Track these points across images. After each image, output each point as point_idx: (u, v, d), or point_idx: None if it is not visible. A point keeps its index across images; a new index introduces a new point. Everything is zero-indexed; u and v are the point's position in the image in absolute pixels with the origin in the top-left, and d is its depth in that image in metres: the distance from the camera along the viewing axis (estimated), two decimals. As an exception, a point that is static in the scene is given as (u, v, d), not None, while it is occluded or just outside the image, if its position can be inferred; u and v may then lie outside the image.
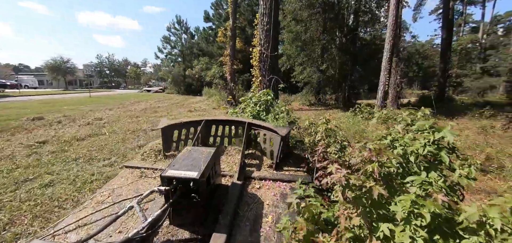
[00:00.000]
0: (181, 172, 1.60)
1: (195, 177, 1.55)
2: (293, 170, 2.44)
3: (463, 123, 9.63)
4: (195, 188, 1.59)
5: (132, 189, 2.17)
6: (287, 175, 2.31)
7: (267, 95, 4.20)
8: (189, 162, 1.73)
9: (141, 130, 7.33)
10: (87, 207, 2.00)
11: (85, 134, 6.60)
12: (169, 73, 31.94)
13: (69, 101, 17.13)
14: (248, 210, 1.86)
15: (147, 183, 2.25)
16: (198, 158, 1.77)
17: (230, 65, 14.96)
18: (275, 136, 2.56)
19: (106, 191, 2.18)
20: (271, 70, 4.09)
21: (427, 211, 1.02)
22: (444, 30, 16.72)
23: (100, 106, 14.03)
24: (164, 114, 11.56)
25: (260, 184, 2.19)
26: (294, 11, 15.66)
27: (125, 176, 2.41)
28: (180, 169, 1.64)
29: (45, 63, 46.16)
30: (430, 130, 1.64)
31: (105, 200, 2.03)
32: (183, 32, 34.24)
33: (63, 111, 11.53)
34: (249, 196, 2.02)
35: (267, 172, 2.37)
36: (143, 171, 2.47)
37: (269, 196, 2.00)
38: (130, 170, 2.50)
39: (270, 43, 4.02)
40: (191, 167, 1.66)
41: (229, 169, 2.46)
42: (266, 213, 1.82)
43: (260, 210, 1.87)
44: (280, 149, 2.51)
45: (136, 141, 6.01)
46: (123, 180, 2.35)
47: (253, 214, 1.82)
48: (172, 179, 1.59)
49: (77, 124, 8.24)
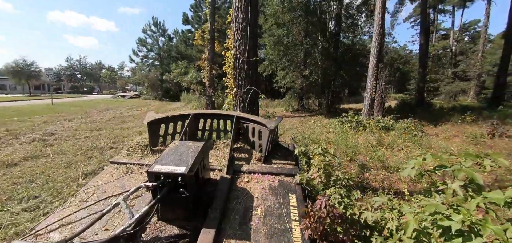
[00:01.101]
0: (169, 167, 1.59)
1: (183, 172, 1.54)
2: (281, 163, 2.46)
3: (448, 130, 9.41)
4: (183, 183, 1.55)
5: (118, 185, 2.12)
6: (275, 168, 2.33)
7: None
8: (176, 157, 1.71)
9: (96, 149, 6.13)
10: (71, 205, 1.91)
11: (20, 157, 5.30)
12: (145, 77, 30.06)
13: (24, 110, 15.07)
14: (237, 204, 1.87)
15: (134, 179, 2.21)
16: (186, 153, 1.76)
17: (208, 70, 13.94)
18: (264, 129, 2.55)
19: (91, 188, 2.09)
20: (249, 80, 3.25)
21: None
22: (422, 36, 17.00)
23: (60, 116, 12.34)
24: (133, 125, 10.29)
25: (249, 178, 2.20)
26: (276, 13, 15.04)
27: (110, 172, 2.32)
28: (168, 164, 1.63)
29: (4, 66, 41.88)
30: None
31: (90, 198, 1.97)
32: (160, 34, 32.58)
33: (11, 122, 9.84)
34: (238, 190, 2.03)
35: (256, 166, 2.40)
36: (129, 166, 2.40)
37: (258, 189, 2.03)
38: (116, 166, 2.42)
39: (246, 45, 3.19)
40: (178, 162, 1.64)
41: (218, 163, 2.47)
42: (256, 206, 1.84)
43: (250, 203, 1.88)
44: (268, 142, 2.51)
45: (83, 166, 4.84)
46: (108, 176, 2.25)
47: (243, 207, 1.83)
48: (159, 174, 1.57)
49: (19, 141, 6.82)
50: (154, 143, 2.79)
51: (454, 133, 8.57)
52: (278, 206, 1.84)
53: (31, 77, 45.26)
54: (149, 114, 2.88)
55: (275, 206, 1.84)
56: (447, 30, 37.40)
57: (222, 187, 1.98)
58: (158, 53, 32.62)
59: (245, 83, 3.30)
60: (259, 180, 2.14)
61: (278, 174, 2.21)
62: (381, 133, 7.31)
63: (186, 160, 1.66)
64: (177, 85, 26.33)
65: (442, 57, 34.13)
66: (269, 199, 1.91)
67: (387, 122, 8.36)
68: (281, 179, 2.16)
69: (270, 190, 2.01)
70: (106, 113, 14.68)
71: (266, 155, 2.47)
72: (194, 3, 28.83)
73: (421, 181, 3.86)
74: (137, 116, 13.07)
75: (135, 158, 2.54)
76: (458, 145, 6.81)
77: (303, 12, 14.77)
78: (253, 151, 2.70)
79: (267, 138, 2.47)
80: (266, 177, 2.17)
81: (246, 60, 3.21)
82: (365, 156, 5.32)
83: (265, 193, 1.98)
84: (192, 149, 1.80)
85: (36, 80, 48.49)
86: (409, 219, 1.22)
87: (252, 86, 3.30)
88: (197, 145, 1.87)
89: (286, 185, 2.08)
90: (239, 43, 3.25)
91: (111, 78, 63.77)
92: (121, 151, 3.16)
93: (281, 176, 2.20)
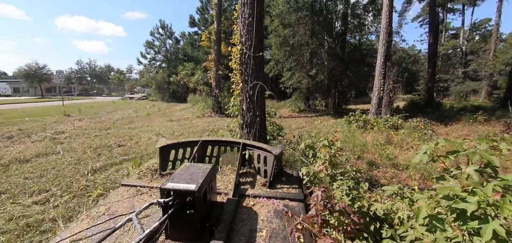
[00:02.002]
0: (180, 184, 1.68)
1: (193, 189, 1.63)
2: (286, 187, 2.51)
3: (459, 130, 9.18)
4: (192, 201, 1.63)
5: (128, 206, 2.21)
6: (280, 192, 2.39)
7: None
8: (187, 176, 1.81)
9: (105, 147, 6.23)
10: (82, 223, 1.96)
11: (32, 154, 5.43)
12: (153, 79, 30.45)
13: (36, 111, 15.48)
14: (243, 226, 1.91)
15: (143, 200, 2.29)
16: (196, 173, 1.85)
17: (215, 71, 13.99)
18: (269, 155, 2.65)
19: (102, 207, 2.18)
20: (255, 75, 3.23)
21: None
22: (431, 35, 16.66)
23: (70, 117, 12.62)
24: (140, 124, 10.43)
25: (254, 201, 2.27)
26: (281, 14, 15.02)
27: (121, 193, 2.42)
28: (179, 182, 1.71)
29: (18, 70, 43.23)
30: None
31: (101, 216, 2.03)
32: (167, 37, 33.01)
33: (23, 122, 10.11)
34: (244, 212, 2.09)
35: (261, 190, 2.46)
36: (139, 189, 2.51)
37: (263, 212, 2.07)
38: (126, 188, 2.53)
39: (253, 40, 3.17)
40: (189, 180, 1.73)
41: (224, 187, 2.55)
42: (261, 228, 1.88)
43: (255, 225, 1.92)
44: (273, 168, 2.58)
45: (92, 163, 4.92)
46: (119, 197, 2.35)
47: (248, 229, 1.88)
48: (171, 191, 1.65)
49: (31, 140, 7.00)
50: (163, 167, 2.92)
51: (465, 133, 8.35)
52: (283, 228, 1.88)
53: (43, 80, 46.59)
54: (161, 140, 3.07)
55: (280, 228, 1.88)
56: (457, 29, 36.63)
57: (228, 209, 2.03)
58: (165, 55, 33.04)
59: (251, 78, 3.29)
60: (264, 204, 2.20)
61: (283, 199, 2.27)
62: (389, 131, 7.18)
63: (196, 179, 1.74)
64: (184, 87, 26.58)
65: (452, 56, 33.36)
66: (274, 222, 1.95)
67: (395, 121, 8.20)
68: (286, 203, 2.22)
69: (275, 213, 2.06)
70: (115, 113, 14.94)
71: (271, 180, 2.54)
72: (201, 6, 29.11)
73: (432, 178, 3.77)
74: (145, 117, 13.25)
75: (145, 181, 2.65)
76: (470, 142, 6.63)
77: (309, 12, 14.70)
78: (258, 176, 2.79)
79: (272, 163, 2.55)
80: (271, 201, 2.23)
81: (252, 55, 3.20)
82: (374, 154, 5.23)
83: (270, 216, 2.03)
84: (202, 170, 1.89)
85: (48, 82, 49.86)
86: (421, 204, 1.18)
87: (258, 81, 3.29)
88: (206, 167, 1.96)
89: (291, 209, 2.12)
90: (245, 38, 3.24)
91: (119, 80, 64.93)
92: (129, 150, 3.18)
93: (285, 200, 2.26)
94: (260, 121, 3.47)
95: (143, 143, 6.76)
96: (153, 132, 8.24)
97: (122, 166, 4.77)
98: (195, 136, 7.61)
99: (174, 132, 8.52)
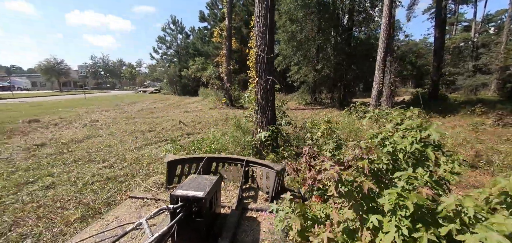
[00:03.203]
0: (189, 192, 1.78)
1: (201, 196, 1.74)
2: None
3: (455, 120, 9.87)
4: (199, 209, 1.76)
5: (135, 215, 2.35)
6: None
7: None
8: (195, 184, 1.91)
9: (138, 132, 7.36)
10: (91, 230, 2.11)
11: (82, 136, 6.62)
12: (165, 73, 31.79)
13: (64, 103, 16.98)
14: (246, 236, 1.99)
15: (150, 211, 2.41)
16: (203, 183, 1.96)
17: (226, 66, 14.98)
18: (271, 171, 2.77)
19: (110, 216, 2.35)
20: (268, 72, 4.17)
21: (410, 202, 1.13)
22: (437, 29, 17.03)
23: (96, 108, 13.96)
24: (160, 115, 11.58)
25: (257, 215, 2.36)
26: (289, 11, 15.76)
27: (128, 205, 2.59)
28: (188, 189, 1.82)
29: (38, 65, 45.54)
30: (417, 129, 1.75)
31: (109, 225, 2.17)
32: (178, 32, 34.13)
33: (59, 113, 11.46)
34: (247, 224, 2.18)
35: (263, 205, 2.56)
36: (146, 201, 2.66)
37: (265, 225, 2.16)
38: (133, 200, 2.68)
39: (266, 44, 4.09)
40: (197, 188, 1.84)
41: (228, 201, 2.67)
42: (263, 239, 1.96)
43: (257, 236, 2.00)
44: (275, 183, 2.70)
45: (132, 142, 6.05)
46: (126, 208, 2.52)
47: (251, 239, 1.96)
48: (180, 197, 1.76)
49: (74, 126, 8.23)
50: (170, 181, 3.04)
51: (459, 123, 9.05)
52: (284, 240, 1.94)
53: (61, 74, 48.90)
54: (169, 155, 3.17)
55: (281, 239, 1.93)
56: (470, 21, 35.97)
57: (231, 219, 2.13)
58: (177, 50, 34.24)
59: (264, 74, 4.25)
60: (266, 217, 2.29)
61: None
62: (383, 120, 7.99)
63: (204, 188, 1.86)
64: (194, 80, 27.78)
65: (463, 49, 33.04)
66: (276, 233, 2.02)
67: (387, 112, 8.98)
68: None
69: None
70: (134, 105, 16.22)
71: (273, 195, 2.63)
72: (210, 1, 30.00)
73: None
74: (162, 109, 14.44)
75: (152, 194, 2.78)
76: (455, 131, 7.39)
77: (316, 9, 15.37)
78: (260, 192, 2.90)
79: (274, 179, 2.67)
80: (273, 215, 2.25)
81: (266, 56, 4.16)
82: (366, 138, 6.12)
83: (272, 228, 2.09)
84: (209, 181, 2.01)
85: (65, 77, 52.24)
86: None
87: (270, 77, 4.25)
88: (212, 178, 2.09)
89: None
90: (260, 42, 4.19)
91: (131, 74, 67.09)
92: (158, 135, 3.73)
93: None
94: (271, 108, 4.45)
95: (169, 129, 7.87)
96: (174, 121, 9.34)
97: (158, 146, 5.87)
98: (211, 125, 8.67)
99: (193, 120, 9.59)
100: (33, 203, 3.06)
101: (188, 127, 8.18)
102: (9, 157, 4.86)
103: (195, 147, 5.06)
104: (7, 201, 3.09)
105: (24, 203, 3.06)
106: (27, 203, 3.05)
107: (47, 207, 2.94)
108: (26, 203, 3.06)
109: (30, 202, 3.07)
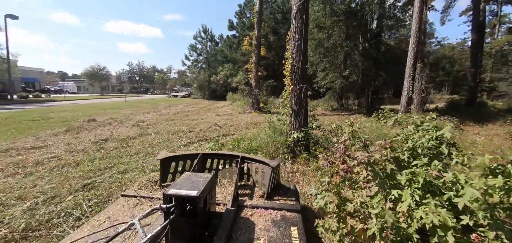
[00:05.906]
0: (182, 191, 1.75)
1: (194, 195, 1.70)
2: (283, 199, 2.64)
3: (492, 129, 9.48)
4: (193, 207, 1.73)
5: (128, 214, 2.30)
6: (278, 204, 2.50)
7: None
8: (189, 183, 1.89)
9: (181, 132, 8.31)
10: (82, 231, 2.05)
11: (135, 134, 7.69)
12: (195, 79, 33.74)
13: (109, 105, 19.05)
14: (241, 234, 1.99)
15: (143, 210, 2.38)
16: (197, 181, 1.93)
17: (255, 72, 15.75)
18: (267, 168, 2.78)
19: (102, 216, 2.30)
20: (301, 80, 4.71)
21: (421, 177, 1.59)
22: (474, 32, 16.21)
23: (137, 110, 15.54)
24: (195, 117, 12.62)
25: (252, 212, 2.34)
26: (317, 19, 16.12)
27: (121, 203, 2.52)
28: (181, 188, 1.79)
29: (84, 70, 50.89)
30: (433, 129, 2.18)
31: (101, 225, 2.13)
32: (208, 40, 36.05)
33: (108, 114, 13.05)
34: (242, 222, 2.17)
35: (259, 201, 2.56)
36: (140, 199, 2.60)
37: (261, 222, 2.15)
38: (126, 198, 2.61)
39: (301, 56, 4.63)
40: (191, 187, 1.82)
41: (223, 198, 2.64)
42: (259, 236, 1.96)
43: (253, 234, 2.00)
44: (271, 180, 2.70)
45: (178, 141, 6.94)
46: (119, 207, 2.46)
47: (246, 237, 1.96)
48: (173, 196, 1.73)
49: (125, 125, 9.47)
50: (163, 179, 3.02)
51: (496, 132, 8.71)
52: (280, 237, 1.94)
53: (103, 79, 54.06)
54: (162, 152, 3.15)
55: (277, 236, 1.94)
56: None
57: (226, 218, 2.13)
58: (207, 57, 36.14)
59: (298, 82, 4.80)
60: (262, 214, 2.27)
61: (280, 209, 2.35)
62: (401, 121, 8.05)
63: (197, 186, 1.82)
64: (223, 86, 29.18)
65: (507, 53, 30.41)
66: (271, 230, 2.03)
67: (410, 116, 8.95)
68: (283, 214, 2.29)
69: (272, 223, 2.14)
70: (170, 108, 17.67)
71: (268, 192, 2.64)
72: (239, 10, 31.39)
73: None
74: (195, 111, 15.59)
75: (145, 192, 2.74)
76: (493, 141, 7.21)
77: (344, 16, 15.54)
78: (256, 188, 2.89)
79: (270, 175, 2.67)
80: (269, 211, 2.29)
81: (300, 67, 4.72)
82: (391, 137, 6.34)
83: (268, 225, 2.11)
84: (203, 179, 1.98)
85: (105, 82, 57.58)
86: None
87: (304, 84, 4.80)
88: (206, 175, 2.06)
89: (288, 219, 2.19)
90: (295, 54, 4.77)
91: (163, 80, 71.72)
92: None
93: (283, 211, 2.33)
94: (304, 112, 4.98)
95: (206, 130, 8.72)
96: (209, 123, 10.22)
97: (200, 144, 6.67)
98: (243, 127, 9.37)
99: (226, 123, 10.40)
100: (116, 182, 3.92)
101: (222, 129, 8.97)
102: (85, 148, 5.96)
103: (235, 145, 5.74)
104: (98, 180, 4.01)
105: (109, 182, 3.94)
106: (112, 183, 3.92)
107: (127, 186, 3.77)
108: (111, 182, 3.94)
109: (114, 182, 3.94)
